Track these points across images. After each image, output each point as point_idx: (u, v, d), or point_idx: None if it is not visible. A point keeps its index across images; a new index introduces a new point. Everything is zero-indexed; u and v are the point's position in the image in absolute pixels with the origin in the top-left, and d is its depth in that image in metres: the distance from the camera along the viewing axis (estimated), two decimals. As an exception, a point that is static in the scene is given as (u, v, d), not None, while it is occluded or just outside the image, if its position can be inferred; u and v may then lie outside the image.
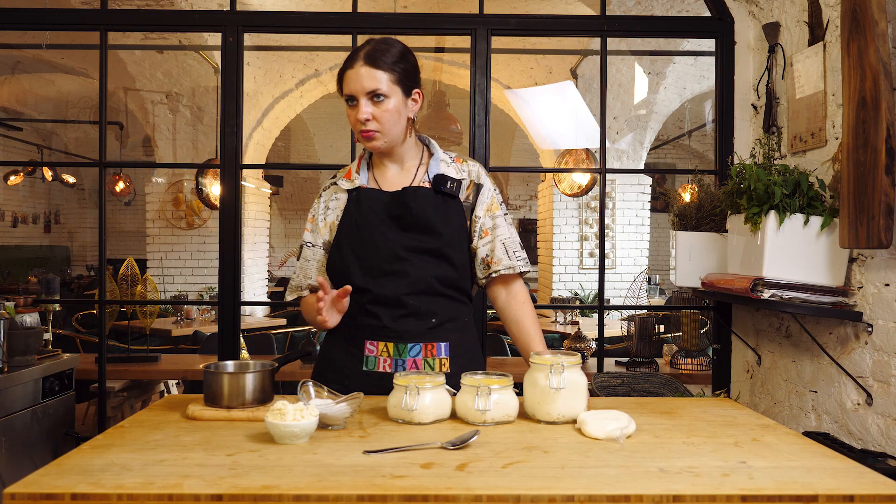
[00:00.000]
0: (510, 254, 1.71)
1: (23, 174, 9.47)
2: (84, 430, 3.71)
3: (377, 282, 1.63)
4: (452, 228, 1.67)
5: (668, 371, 3.55)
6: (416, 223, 1.64)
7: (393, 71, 1.60)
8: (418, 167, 1.72)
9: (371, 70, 1.58)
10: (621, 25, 2.82)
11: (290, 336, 4.97)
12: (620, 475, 1.11)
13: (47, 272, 9.37)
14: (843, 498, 1.04)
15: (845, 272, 2.07)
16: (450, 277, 1.66)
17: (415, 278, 1.62)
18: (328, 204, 1.75)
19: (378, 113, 1.60)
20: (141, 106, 6.79)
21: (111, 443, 1.25)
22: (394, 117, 1.62)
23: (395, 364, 1.62)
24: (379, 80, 1.59)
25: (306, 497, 1.01)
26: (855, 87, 1.84)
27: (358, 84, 1.59)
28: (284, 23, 2.90)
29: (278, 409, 1.26)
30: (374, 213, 1.65)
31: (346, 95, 1.62)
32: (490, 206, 1.73)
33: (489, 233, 1.72)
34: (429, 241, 1.64)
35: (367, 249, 1.64)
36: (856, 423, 2.01)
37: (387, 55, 1.61)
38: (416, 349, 1.63)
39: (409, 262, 1.63)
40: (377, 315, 1.63)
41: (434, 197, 1.66)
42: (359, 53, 1.61)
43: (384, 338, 1.63)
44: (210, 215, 6.99)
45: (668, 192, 2.98)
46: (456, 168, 1.73)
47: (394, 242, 1.63)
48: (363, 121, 1.60)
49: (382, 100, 1.59)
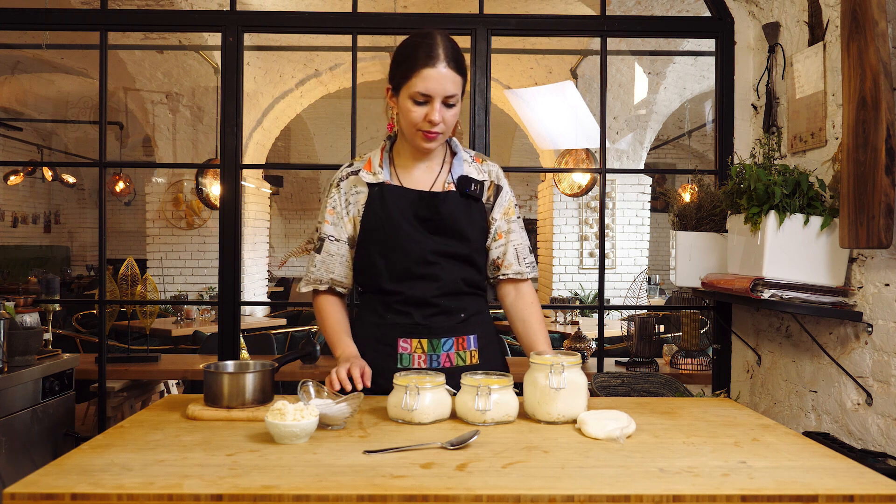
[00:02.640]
0: (520, 259, 1.74)
1: (23, 174, 9.47)
2: (84, 430, 3.71)
3: (407, 284, 1.64)
4: (477, 233, 1.68)
5: (668, 371, 3.55)
6: (445, 228, 1.64)
7: (465, 75, 1.59)
8: (442, 166, 1.71)
9: (455, 75, 1.55)
10: (621, 25, 2.82)
11: (290, 336, 4.97)
12: (620, 475, 1.11)
13: (47, 272, 9.38)
14: (843, 498, 1.04)
15: (845, 272, 2.07)
16: (475, 279, 1.70)
17: (445, 282, 1.64)
18: (349, 197, 1.70)
19: (447, 116, 1.57)
20: (141, 106, 6.79)
21: (111, 443, 1.25)
22: (455, 121, 1.61)
23: (429, 359, 1.64)
24: (457, 86, 1.56)
25: (306, 497, 1.01)
26: (855, 87, 1.84)
27: (440, 87, 1.54)
28: (284, 23, 2.90)
29: (278, 409, 1.26)
30: (401, 214, 1.63)
31: (419, 93, 1.54)
32: (507, 209, 1.74)
33: (503, 236, 1.73)
34: (457, 247, 1.65)
35: (396, 252, 1.63)
36: (856, 423, 2.01)
37: (462, 59, 1.58)
38: (448, 343, 1.65)
39: (438, 265, 1.63)
40: (408, 314, 1.64)
41: (462, 201, 1.66)
42: (440, 53, 1.54)
43: (417, 335, 1.64)
44: (210, 215, 6.99)
45: (668, 192, 2.98)
46: (477, 168, 1.72)
47: (423, 246, 1.62)
48: (437, 123, 1.56)
49: (453, 105, 1.57)
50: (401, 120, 1.62)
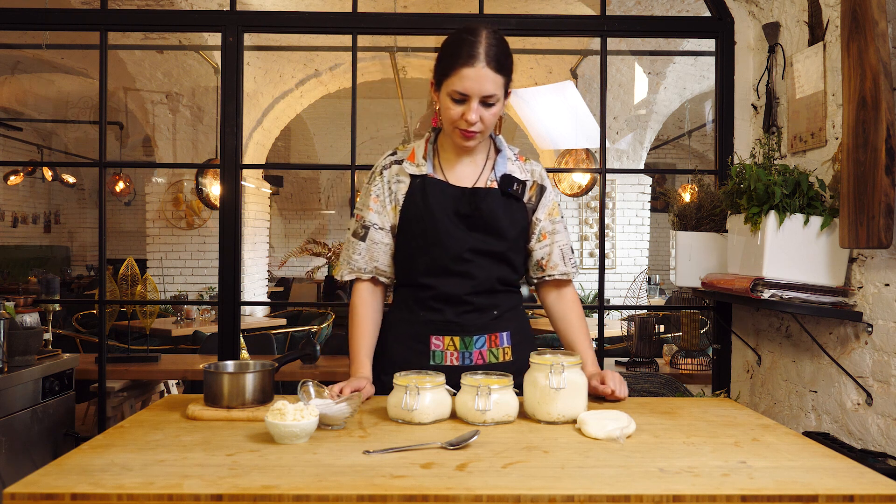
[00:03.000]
0: (566, 260, 1.73)
1: (23, 174, 9.47)
2: (84, 430, 3.71)
3: (441, 280, 1.63)
4: (516, 232, 1.67)
5: (668, 371, 3.55)
6: (484, 225, 1.63)
7: (508, 75, 1.56)
8: (485, 162, 1.70)
9: (494, 75, 1.52)
10: (621, 25, 2.82)
11: (290, 336, 4.97)
12: (620, 475, 1.10)
13: (47, 272, 9.38)
14: (843, 498, 1.04)
15: (845, 272, 2.07)
16: (509, 278, 1.70)
17: (479, 280, 1.64)
18: (391, 185, 1.68)
19: (486, 116, 1.55)
20: (141, 106, 6.79)
21: (111, 443, 1.25)
22: (495, 120, 1.59)
23: (461, 357, 1.64)
24: (497, 86, 1.53)
25: (306, 497, 1.01)
26: (855, 87, 1.84)
27: (478, 86, 1.51)
28: (284, 23, 2.90)
29: (278, 409, 1.26)
30: (442, 209, 1.62)
31: (456, 91, 1.53)
32: (551, 210, 1.73)
33: (548, 237, 1.72)
34: (494, 244, 1.64)
35: (434, 247, 1.62)
36: (856, 423, 2.01)
37: (506, 58, 1.54)
38: (480, 341, 1.65)
39: (474, 263, 1.63)
40: (441, 310, 1.64)
41: (502, 199, 1.65)
42: (480, 51, 1.51)
43: (449, 332, 1.64)
44: (210, 215, 6.99)
45: (668, 192, 2.98)
46: (520, 167, 1.71)
47: (461, 242, 1.62)
48: (473, 122, 1.54)
49: (493, 104, 1.55)
50: (441, 114, 1.60)
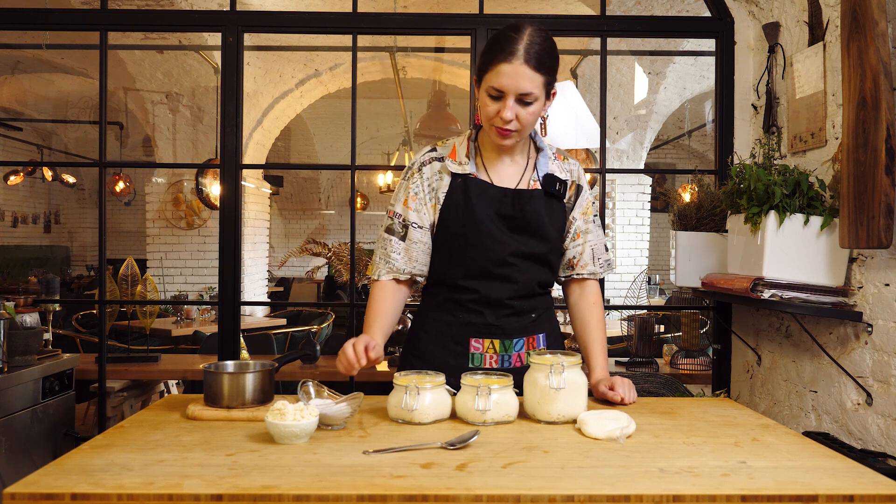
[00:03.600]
0: (595, 259, 1.72)
1: (23, 174, 9.46)
2: (84, 430, 3.71)
3: (483, 283, 1.61)
4: (556, 233, 1.66)
5: (668, 371, 3.55)
6: (527, 226, 1.61)
7: (548, 74, 1.51)
8: (527, 161, 1.67)
9: (532, 73, 1.48)
10: (621, 25, 2.82)
11: (290, 336, 4.98)
12: (620, 475, 1.10)
13: (47, 272, 9.38)
14: (843, 498, 1.04)
15: (845, 272, 2.07)
16: (548, 281, 1.69)
17: (520, 284, 1.62)
18: (432, 183, 1.64)
19: (523, 115, 1.51)
20: (141, 106, 6.79)
21: (111, 443, 1.25)
22: (534, 120, 1.55)
23: (500, 360, 1.63)
24: (535, 84, 1.49)
25: (306, 497, 1.01)
26: (855, 87, 1.84)
27: (514, 83, 1.47)
28: (284, 23, 2.90)
29: (278, 409, 1.26)
30: (484, 210, 1.59)
31: (493, 87, 1.50)
32: (586, 209, 1.72)
33: (581, 236, 1.71)
34: (536, 247, 1.62)
35: (474, 249, 1.60)
36: (856, 423, 2.01)
37: (547, 56, 1.50)
38: (519, 343, 1.65)
39: (515, 267, 1.61)
40: (481, 313, 1.62)
41: (545, 200, 1.63)
42: (519, 47, 1.47)
43: (490, 335, 1.63)
44: (210, 215, 6.99)
45: (668, 192, 2.98)
46: (559, 166, 1.69)
47: (503, 246, 1.59)
48: (508, 120, 1.51)
49: (530, 103, 1.51)
50: (479, 111, 1.58)
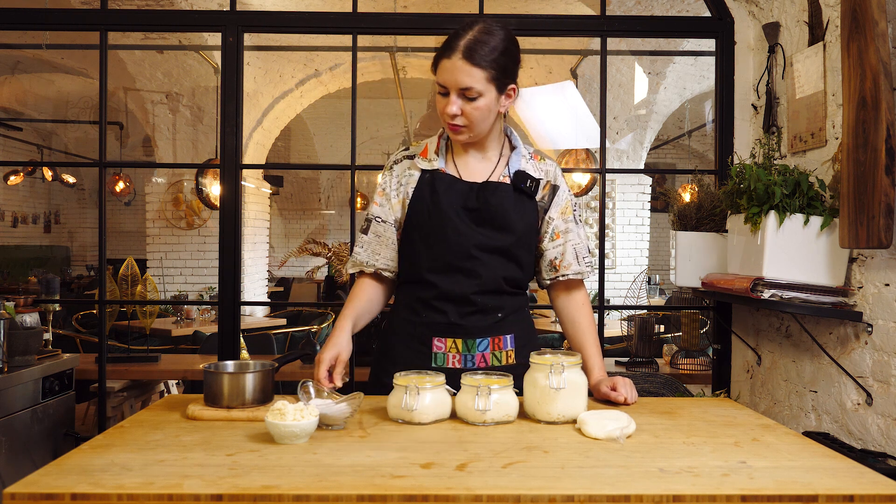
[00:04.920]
0: (580, 259, 1.71)
1: (23, 174, 9.47)
2: (84, 430, 3.71)
3: (446, 278, 1.61)
4: (524, 227, 1.65)
5: (668, 371, 3.55)
6: (491, 218, 1.61)
7: (490, 68, 1.51)
8: (499, 159, 1.68)
9: (467, 66, 1.50)
10: (621, 25, 2.82)
11: (290, 336, 4.98)
12: (620, 475, 1.10)
13: (47, 272, 9.37)
14: (843, 498, 1.04)
15: (845, 272, 2.07)
16: (516, 278, 1.67)
17: (485, 279, 1.61)
18: (401, 179, 1.68)
19: (468, 109, 1.53)
20: (141, 106, 6.79)
21: (111, 443, 1.25)
22: (483, 115, 1.56)
23: (463, 359, 1.62)
24: (474, 79, 1.50)
25: (306, 497, 1.01)
26: (855, 87, 1.84)
27: (452, 78, 1.51)
28: (284, 23, 2.90)
29: (278, 409, 1.26)
30: (449, 203, 1.60)
31: (438, 83, 1.54)
32: (564, 208, 1.71)
33: (561, 236, 1.70)
34: (500, 239, 1.61)
35: (439, 242, 1.61)
36: (856, 423, 2.01)
37: (486, 49, 1.51)
38: (483, 343, 1.63)
39: (479, 261, 1.60)
40: (444, 311, 1.62)
41: (513, 195, 1.63)
42: (458, 43, 1.51)
43: (452, 334, 1.62)
44: (210, 215, 6.99)
45: (668, 192, 2.98)
46: (534, 165, 1.70)
47: (467, 239, 1.59)
48: (452, 115, 1.54)
49: (474, 98, 1.52)
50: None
